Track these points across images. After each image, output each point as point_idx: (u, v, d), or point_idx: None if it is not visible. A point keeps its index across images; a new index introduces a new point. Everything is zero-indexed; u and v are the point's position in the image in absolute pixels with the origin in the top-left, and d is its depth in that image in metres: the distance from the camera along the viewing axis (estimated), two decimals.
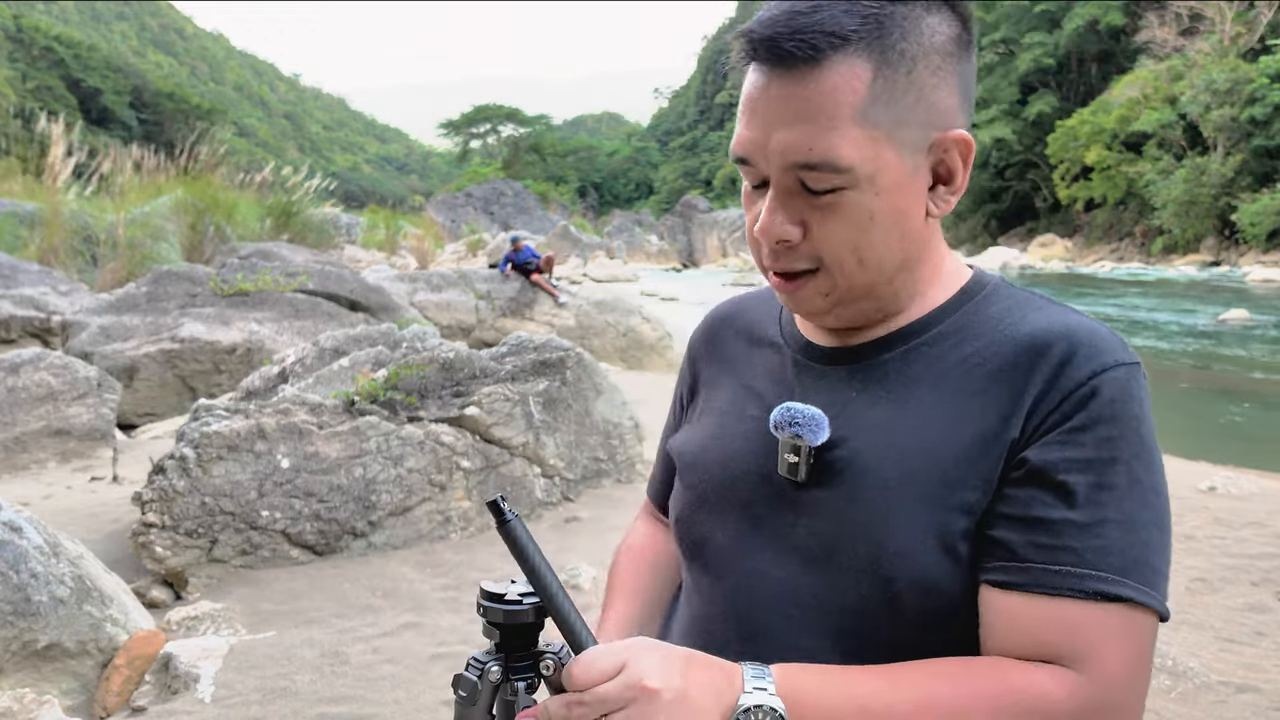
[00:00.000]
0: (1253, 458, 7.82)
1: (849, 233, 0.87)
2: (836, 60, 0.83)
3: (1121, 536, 0.81)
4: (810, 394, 0.96)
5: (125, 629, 3.23)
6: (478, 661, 0.86)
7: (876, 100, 0.84)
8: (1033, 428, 0.84)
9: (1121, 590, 0.80)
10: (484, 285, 14.03)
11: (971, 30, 0.90)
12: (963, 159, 0.89)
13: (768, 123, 0.85)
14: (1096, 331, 0.87)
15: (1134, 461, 0.83)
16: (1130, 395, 0.84)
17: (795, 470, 0.92)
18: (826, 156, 0.84)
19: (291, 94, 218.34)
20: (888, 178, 0.86)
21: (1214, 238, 43.22)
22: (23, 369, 6.16)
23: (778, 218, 0.88)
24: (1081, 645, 0.79)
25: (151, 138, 23.67)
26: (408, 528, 4.50)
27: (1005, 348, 0.88)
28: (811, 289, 0.91)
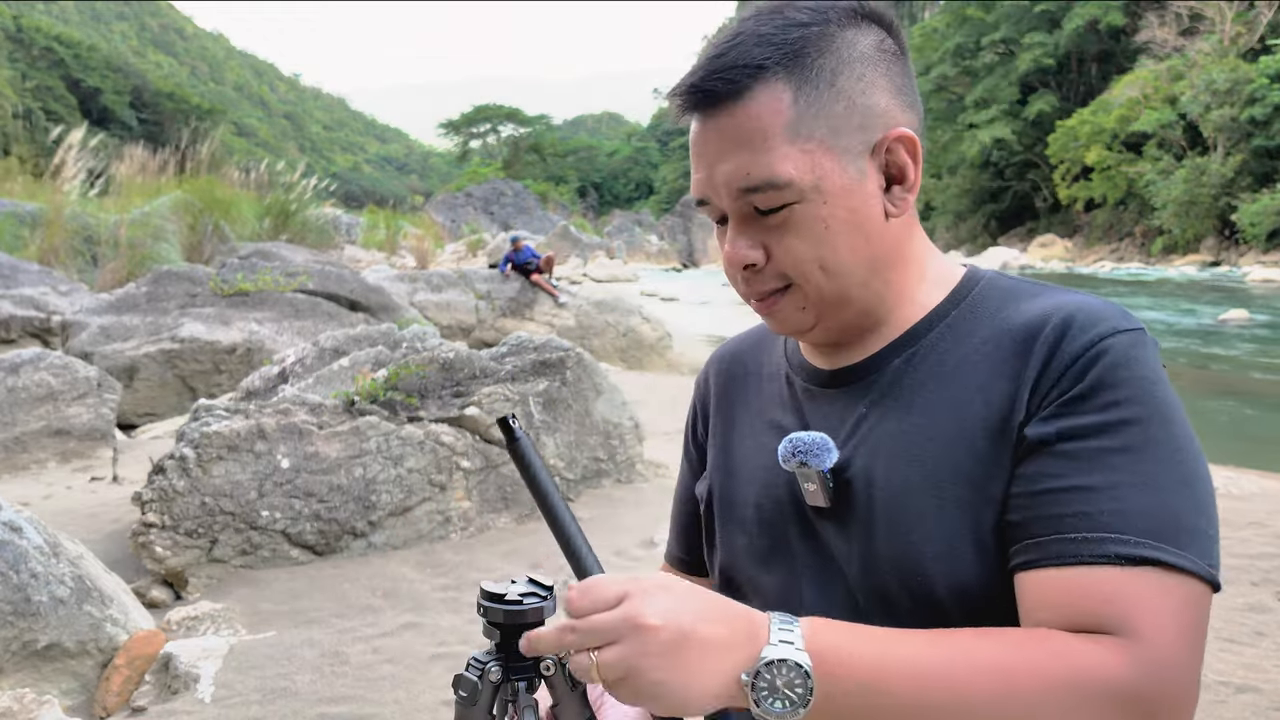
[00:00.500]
0: (1253, 458, 7.82)
1: (807, 245, 0.89)
2: (757, 88, 0.87)
3: (1141, 497, 0.77)
4: (821, 418, 0.97)
5: (125, 629, 3.23)
6: (478, 662, 0.86)
7: (803, 116, 0.87)
8: (1035, 405, 0.83)
9: (1147, 552, 0.75)
10: (484, 285, 14.03)
11: (897, 35, 0.93)
12: (911, 155, 0.91)
13: (710, 161, 0.90)
14: (1091, 304, 0.87)
15: (1148, 422, 0.80)
16: (1135, 359, 0.82)
17: (819, 497, 0.92)
18: (765, 176, 0.87)
19: (291, 94, 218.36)
20: (832, 184, 0.88)
21: (1214, 238, 43.23)
22: (23, 369, 6.16)
23: (739, 244, 0.91)
24: (1118, 613, 0.75)
25: (152, 138, 23.68)
26: (408, 528, 4.51)
27: (1004, 338, 0.88)
28: (788, 305, 0.93)
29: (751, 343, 1.14)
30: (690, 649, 0.73)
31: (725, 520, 1.05)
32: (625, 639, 0.72)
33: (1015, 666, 0.73)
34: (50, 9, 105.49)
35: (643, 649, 0.72)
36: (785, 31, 0.88)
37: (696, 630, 0.73)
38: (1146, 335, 0.85)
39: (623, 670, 0.72)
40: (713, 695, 0.74)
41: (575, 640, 0.74)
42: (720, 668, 0.73)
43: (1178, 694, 0.73)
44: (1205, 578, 0.77)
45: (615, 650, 0.72)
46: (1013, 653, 0.74)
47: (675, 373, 12.13)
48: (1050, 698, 0.72)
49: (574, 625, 0.74)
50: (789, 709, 0.73)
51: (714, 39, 0.92)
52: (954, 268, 0.99)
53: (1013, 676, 0.73)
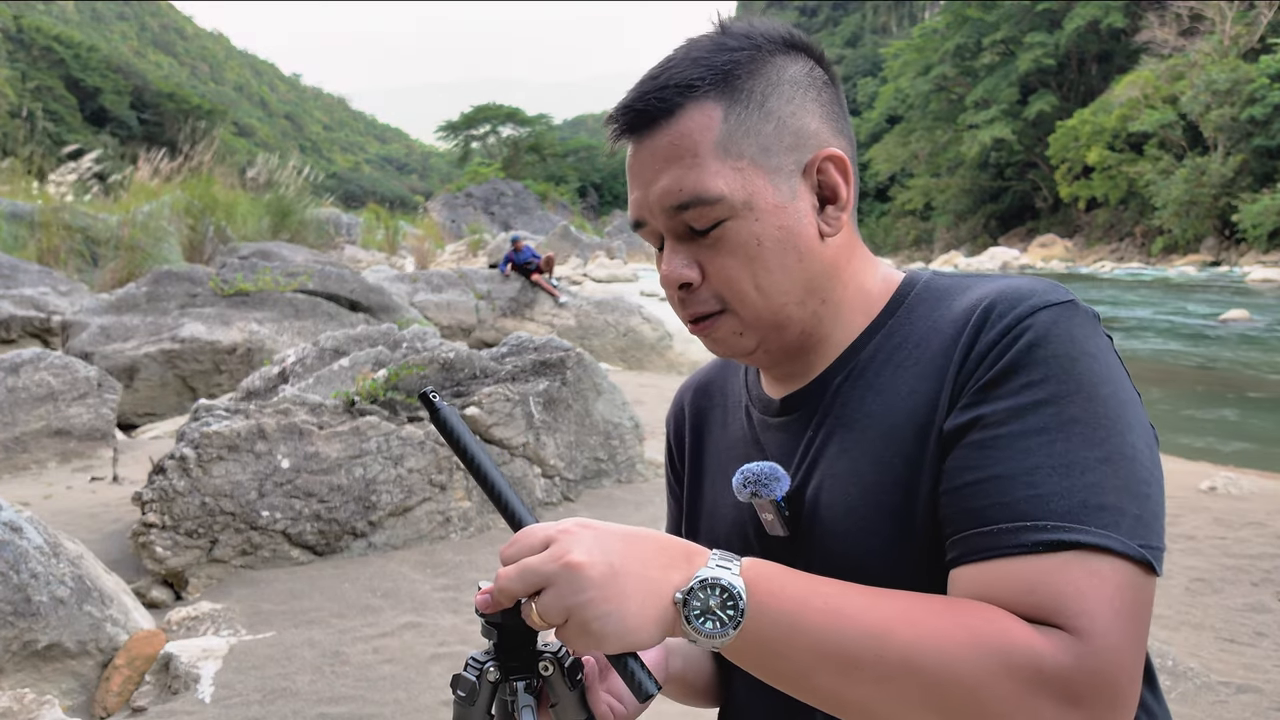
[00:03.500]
0: (1253, 458, 7.82)
1: (741, 263, 0.89)
2: (688, 106, 0.88)
3: (1060, 480, 0.73)
4: (774, 449, 0.97)
5: (125, 629, 3.23)
6: (476, 662, 0.87)
7: (733, 134, 0.88)
8: (955, 397, 0.81)
9: (1067, 536, 0.71)
10: (484, 285, 14.04)
11: (827, 66, 0.95)
12: (842, 175, 0.91)
13: (645, 180, 0.91)
14: (1015, 285, 0.83)
15: (1067, 400, 0.76)
16: (1055, 335, 0.78)
17: (776, 526, 0.92)
18: (696, 191, 0.88)
19: (291, 94, 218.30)
20: (764, 201, 0.88)
21: (1214, 238, 43.23)
22: (23, 369, 6.16)
23: (674, 262, 0.91)
24: (1048, 602, 0.71)
25: (152, 138, 23.69)
26: (408, 528, 4.50)
27: (933, 338, 0.87)
28: (725, 328, 0.93)
29: (718, 372, 1.14)
30: (623, 579, 0.74)
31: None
32: (557, 581, 0.73)
33: (941, 624, 0.72)
34: (50, 9, 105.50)
35: (576, 587, 0.73)
36: (716, 55, 0.90)
37: (626, 561, 0.74)
38: (1077, 307, 0.81)
39: (562, 612, 0.73)
40: (654, 622, 0.74)
41: (510, 585, 0.75)
42: (657, 589, 0.74)
43: (1112, 683, 0.70)
44: (1136, 558, 0.72)
45: (550, 594, 0.73)
46: (945, 611, 0.73)
47: (675, 373, 12.13)
48: (972, 655, 0.70)
49: (507, 571, 0.75)
50: (718, 630, 0.73)
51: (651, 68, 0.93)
52: (893, 277, 0.97)
53: (936, 629, 0.72)
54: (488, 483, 0.82)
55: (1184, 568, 4.38)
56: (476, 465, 0.82)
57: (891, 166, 67.69)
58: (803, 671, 0.74)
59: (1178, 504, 5.49)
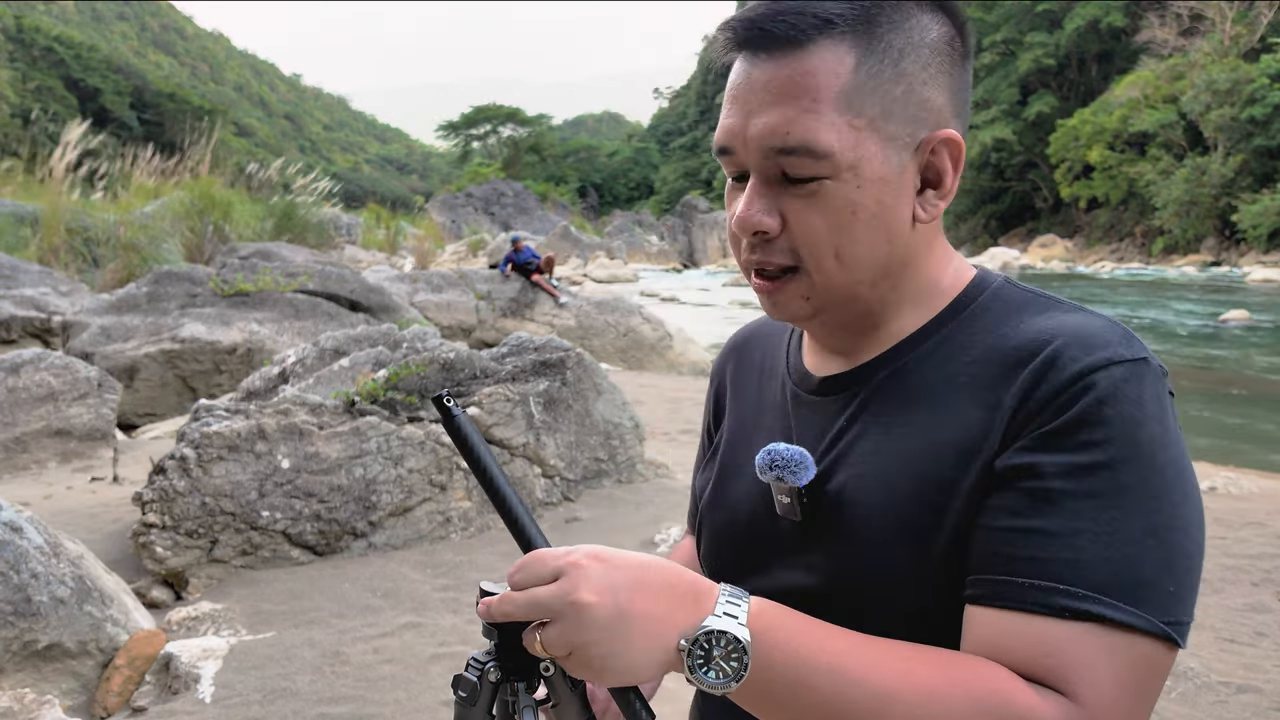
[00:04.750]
0: (1253, 458, 7.82)
1: (829, 226, 0.83)
2: (820, 43, 0.81)
3: (1101, 549, 0.72)
4: (804, 428, 0.93)
5: (125, 629, 3.23)
6: (477, 662, 0.86)
7: (861, 88, 0.81)
8: (1011, 437, 0.77)
9: (1095, 608, 0.71)
10: (484, 286, 14.04)
11: (967, 38, 0.87)
12: (953, 161, 0.86)
13: (749, 109, 0.83)
14: (1090, 327, 0.79)
15: (1123, 466, 0.74)
16: (1125, 395, 0.75)
17: (792, 511, 0.89)
18: (805, 139, 0.81)
19: (292, 94, 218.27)
20: (871, 170, 0.82)
21: (1214, 238, 43.25)
22: (23, 369, 6.16)
23: (756, 207, 0.84)
24: (1056, 668, 0.71)
25: (152, 138, 23.68)
26: (408, 528, 4.51)
27: (993, 360, 0.82)
28: (791, 291, 0.87)
29: (766, 331, 1.10)
30: (629, 621, 0.72)
31: (708, 515, 1.03)
32: (563, 617, 0.72)
33: (943, 686, 0.71)
34: (50, 9, 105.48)
35: (580, 626, 0.72)
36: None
37: (634, 603, 0.72)
38: (1149, 365, 0.77)
39: (566, 646, 0.73)
40: (657, 664, 0.73)
41: (513, 610, 0.75)
42: (662, 633, 0.73)
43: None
44: (1159, 635, 0.72)
45: (555, 629, 0.73)
46: (947, 672, 0.72)
47: (675, 373, 12.13)
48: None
49: (513, 597, 0.75)
50: (721, 681, 0.72)
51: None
52: (964, 273, 0.93)
53: (939, 694, 0.71)
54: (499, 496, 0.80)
55: None
56: (489, 477, 0.80)
57: None
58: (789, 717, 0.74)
59: None
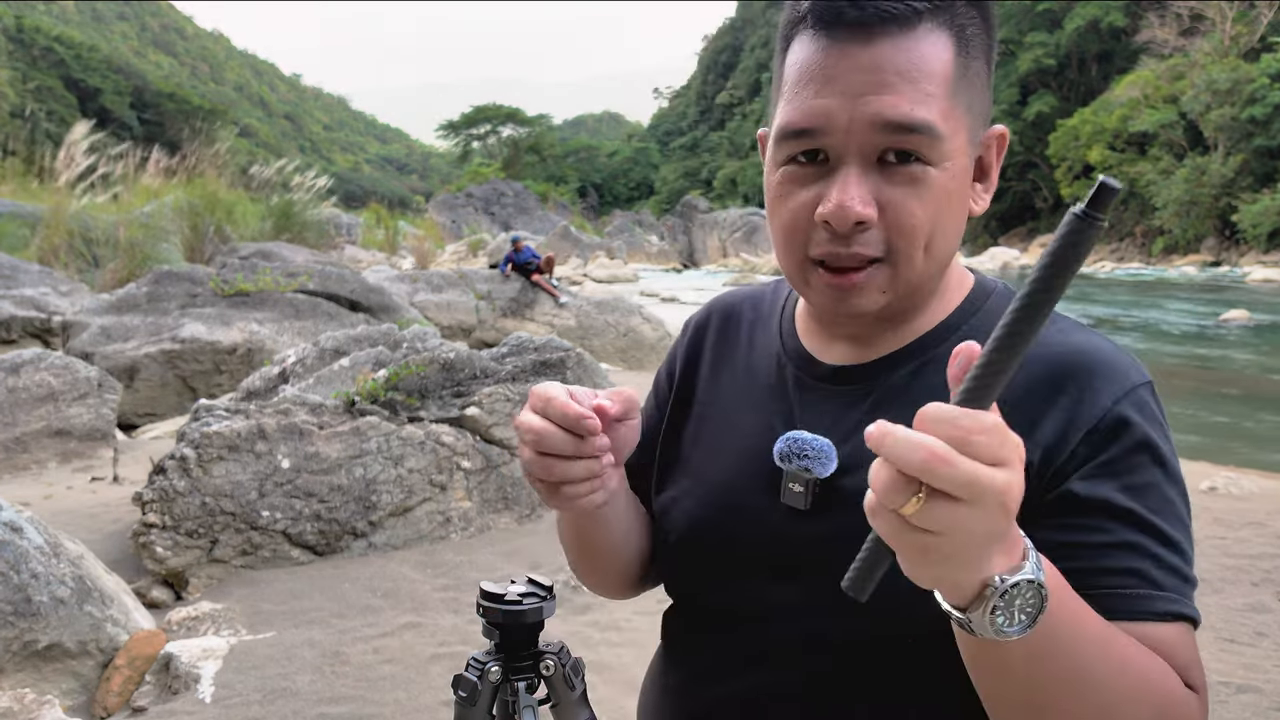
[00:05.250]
0: (1253, 458, 7.82)
1: (927, 213, 0.81)
2: (928, 26, 0.80)
3: (1171, 555, 0.80)
4: (814, 416, 0.90)
5: (126, 629, 3.23)
6: (478, 662, 0.87)
7: (959, 78, 0.81)
8: (1063, 458, 0.81)
9: (1184, 609, 0.79)
10: (484, 286, 14.04)
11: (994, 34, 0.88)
12: (998, 156, 0.88)
13: (854, 89, 0.79)
14: (1110, 353, 0.85)
15: (1165, 484, 0.82)
16: (1153, 418, 0.83)
17: (800, 499, 0.87)
18: (928, 120, 0.79)
19: (292, 94, 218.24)
20: (960, 161, 0.83)
21: (1214, 238, 43.24)
22: (23, 369, 6.16)
23: (856, 194, 0.80)
24: (1181, 665, 0.78)
25: (152, 138, 23.68)
26: (408, 528, 4.51)
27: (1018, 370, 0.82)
28: (873, 284, 0.84)
29: (752, 304, 1.06)
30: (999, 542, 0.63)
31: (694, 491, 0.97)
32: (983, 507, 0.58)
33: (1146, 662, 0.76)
34: (50, 9, 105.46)
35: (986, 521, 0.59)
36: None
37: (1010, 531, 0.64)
38: (1152, 384, 0.86)
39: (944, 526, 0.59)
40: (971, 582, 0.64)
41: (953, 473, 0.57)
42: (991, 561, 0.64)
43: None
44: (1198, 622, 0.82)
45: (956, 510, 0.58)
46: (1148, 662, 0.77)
47: None
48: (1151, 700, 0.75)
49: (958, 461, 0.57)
50: (1011, 628, 0.66)
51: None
52: (964, 273, 0.94)
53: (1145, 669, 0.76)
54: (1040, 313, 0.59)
55: None
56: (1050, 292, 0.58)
57: None
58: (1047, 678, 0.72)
59: None
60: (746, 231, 45.21)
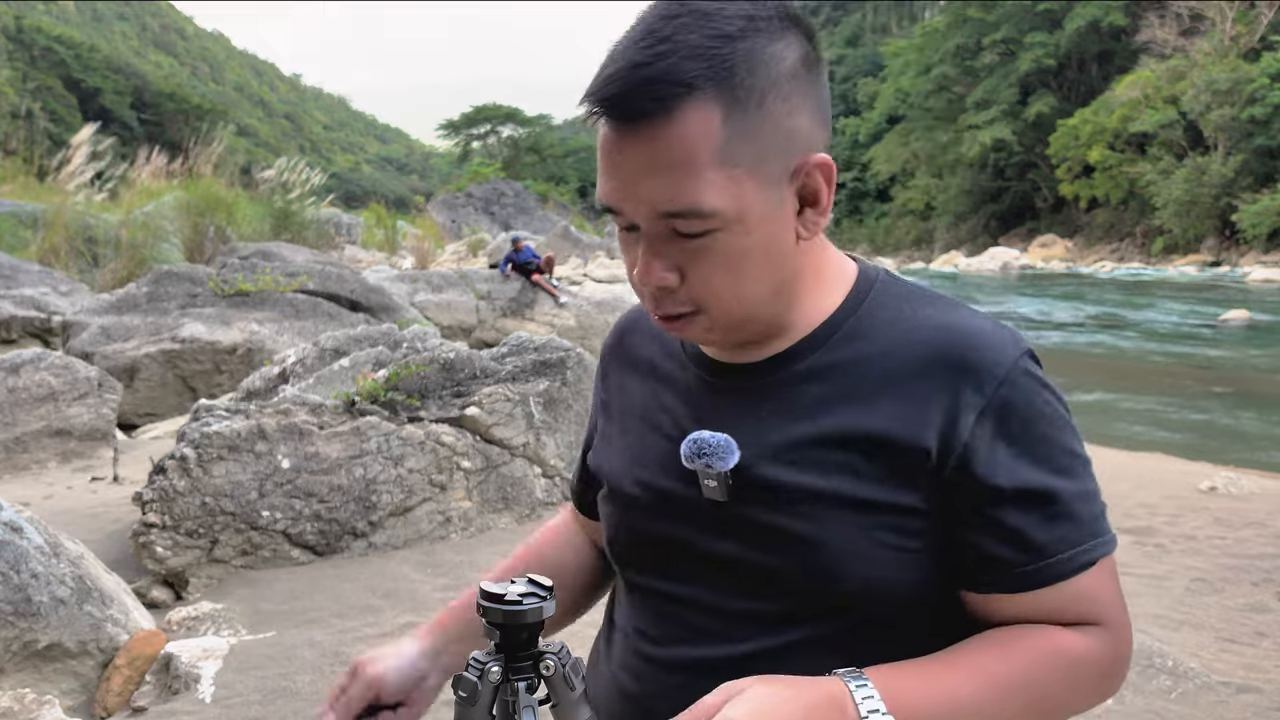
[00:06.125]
0: (1253, 458, 7.82)
1: (724, 274, 0.87)
2: (686, 109, 0.82)
3: (1089, 504, 0.90)
4: (721, 415, 0.96)
5: (126, 629, 3.23)
6: (478, 662, 0.87)
7: (731, 141, 0.83)
8: (961, 443, 0.87)
9: (1104, 549, 0.90)
10: (484, 286, 14.04)
11: (818, 46, 0.90)
12: (826, 181, 0.89)
13: (629, 177, 0.85)
14: (989, 330, 0.92)
15: (1065, 436, 0.90)
16: (1039, 380, 0.91)
17: (718, 492, 0.93)
18: (691, 204, 0.84)
19: (292, 94, 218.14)
20: (755, 214, 0.86)
21: (1214, 238, 43.24)
22: (23, 369, 6.16)
23: (654, 265, 0.88)
24: (1095, 607, 0.90)
25: (153, 138, 23.68)
26: (408, 528, 4.51)
27: (904, 352, 0.91)
28: (696, 328, 0.92)
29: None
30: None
31: (616, 496, 1.05)
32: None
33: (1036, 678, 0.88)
34: (50, 9, 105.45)
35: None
36: (715, 44, 0.82)
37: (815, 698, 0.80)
38: (1031, 350, 0.92)
39: None
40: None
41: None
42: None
43: (1130, 646, 0.93)
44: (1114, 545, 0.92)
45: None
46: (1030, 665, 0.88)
47: None
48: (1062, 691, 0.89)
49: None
50: None
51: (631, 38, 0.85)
52: (846, 265, 0.99)
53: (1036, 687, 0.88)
54: None
55: (1184, 568, 4.38)
56: None
57: (891, 166, 67.63)
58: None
59: (1178, 504, 5.49)
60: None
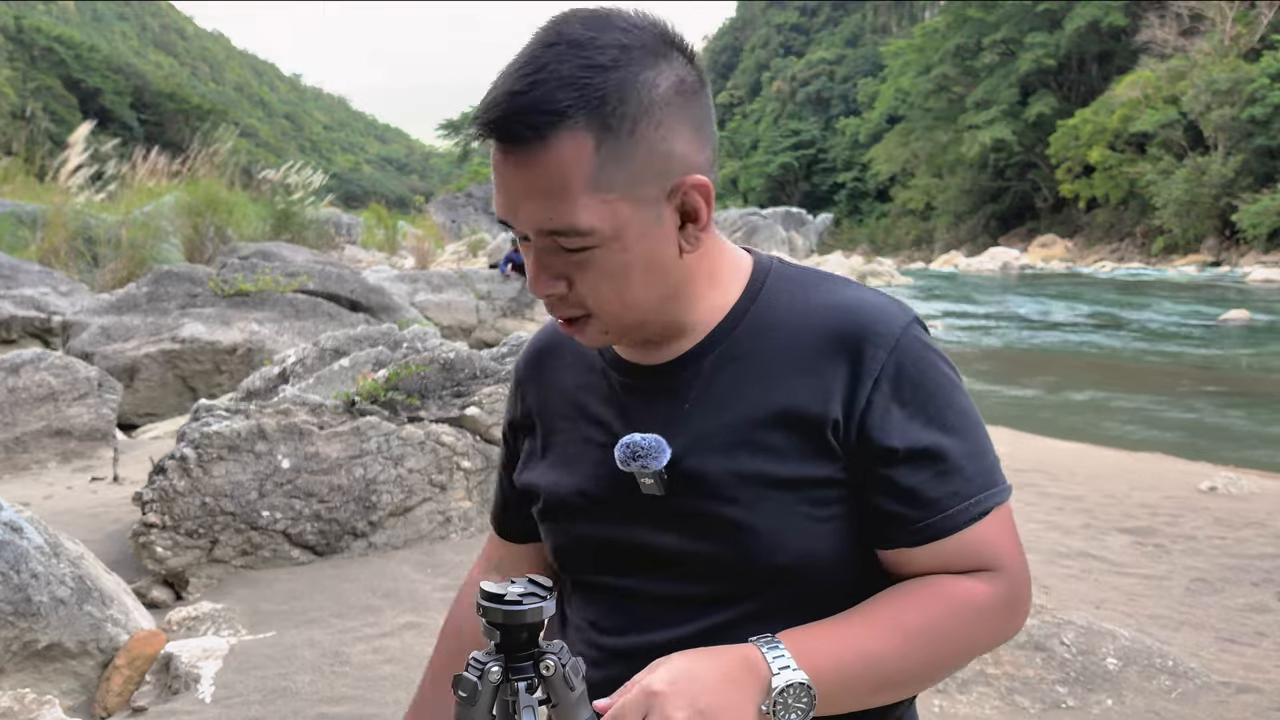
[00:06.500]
0: (1253, 458, 7.82)
1: (607, 284, 0.93)
2: (559, 136, 0.87)
3: (979, 459, 0.98)
4: (647, 416, 1.02)
5: (126, 629, 3.23)
6: (478, 662, 0.87)
7: (604, 168, 0.88)
8: (860, 409, 0.95)
9: (996, 499, 0.97)
10: (484, 285, 14.06)
11: (699, 68, 0.95)
12: (704, 199, 0.94)
13: (512, 194, 0.92)
14: (879, 303, 0.99)
15: (954, 396, 0.98)
16: (927, 346, 0.99)
17: (655, 488, 1.00)
18: (567, 224, 0.90)
19: (292, 94, 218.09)
20: (631, 233, 0.92)
21: (1214, 238, 43.24)
22: (23, 369, 6.16)
23: (542, 276, 0.95)
24: (990, 553, 0.97)
25: (153, 138, 23.69)
26: (408, 528, 4.51)
27: (803, 334, 0.99)
28: (592, 330, 0.98)
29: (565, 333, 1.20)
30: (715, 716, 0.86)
31: (555, 509, 1.09)
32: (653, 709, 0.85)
33: (936, 623, 0.95)
34: (50, 9, 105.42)
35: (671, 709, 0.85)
36: (587, 75, 0.87)
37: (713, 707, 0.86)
38: (918, 317, 1.00)
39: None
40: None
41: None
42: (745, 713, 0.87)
43: (1027, 587, 1.01)
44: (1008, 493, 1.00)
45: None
46: (930, 612, 0.95)
47: None
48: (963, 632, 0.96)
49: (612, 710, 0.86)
50: (800, 718, 0.89)
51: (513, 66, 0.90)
52: (741, 260, 1.05)
53: (936, 631, 0.95)
54: None
55: (1184, 568, 4.38)
56: None
57: (891, 166, 67.64)
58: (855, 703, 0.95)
59: (1178, 504, 5.49)
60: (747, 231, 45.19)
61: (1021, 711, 2.97)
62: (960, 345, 16.88)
